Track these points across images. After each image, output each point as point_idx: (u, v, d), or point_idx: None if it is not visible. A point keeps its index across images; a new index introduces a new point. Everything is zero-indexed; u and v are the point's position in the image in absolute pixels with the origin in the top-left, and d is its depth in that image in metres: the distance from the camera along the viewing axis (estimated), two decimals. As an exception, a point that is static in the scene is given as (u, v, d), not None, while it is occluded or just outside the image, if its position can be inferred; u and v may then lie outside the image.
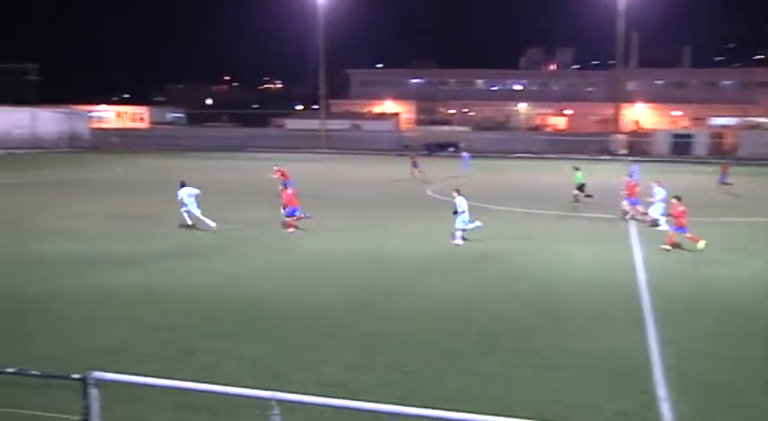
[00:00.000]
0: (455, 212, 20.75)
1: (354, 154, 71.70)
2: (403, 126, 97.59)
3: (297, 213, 23.00)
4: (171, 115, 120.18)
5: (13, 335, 11.85)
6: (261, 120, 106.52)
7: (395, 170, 45.59)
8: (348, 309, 13.80)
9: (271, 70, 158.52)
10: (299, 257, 18.79)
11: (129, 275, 16.38)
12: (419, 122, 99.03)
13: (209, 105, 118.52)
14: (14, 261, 17.89)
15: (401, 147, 72.29)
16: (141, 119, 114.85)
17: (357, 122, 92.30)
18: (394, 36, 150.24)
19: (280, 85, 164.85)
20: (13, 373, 7.18)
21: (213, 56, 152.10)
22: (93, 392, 6.47)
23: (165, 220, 24.13)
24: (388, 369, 10.54)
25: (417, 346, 11.59)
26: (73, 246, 19.99)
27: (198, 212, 22.69)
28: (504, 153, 71.36)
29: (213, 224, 22.26)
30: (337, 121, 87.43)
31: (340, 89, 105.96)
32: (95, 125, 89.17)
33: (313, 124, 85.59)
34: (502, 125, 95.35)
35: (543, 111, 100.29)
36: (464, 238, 20.82)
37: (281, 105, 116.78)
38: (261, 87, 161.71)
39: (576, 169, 30.66)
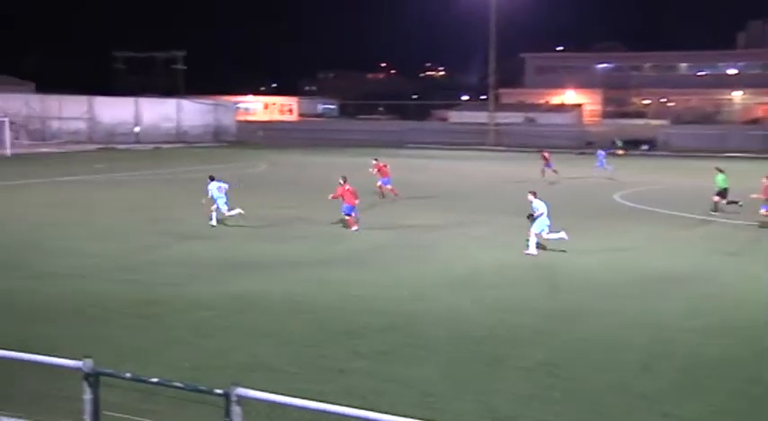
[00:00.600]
0: (530, 216, 20.73)
1: (527, 151, 70.77)
2: (586, 119, 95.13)
3: (353, 212, 23.59)
4: (321, 106, 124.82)
5: (155, 344, 12.73)
6: (421, 113, 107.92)
7: (575, 171, 44.51)
8: (519, 332, 13.60)
9: (433, 56, 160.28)
10: (460, 270, 18.78)
11: (273, 282, 17.10)
12: (606, 115, 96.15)
13: (363, 95, 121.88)
14: (156, 263, 19.24)
15: (584, 144, 70.49)
16: (290, 110, 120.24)
17: (531, 115, 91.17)
18: (577, 14, 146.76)
19: (443, 73, 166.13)
20: (155, 384, 7.66)
21: (369, 40, 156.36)
22: (236, 410, 6.76)
23: (311, 223, 25.01)
24: (566, 405, 10.25)
25: (601, 381, 11.18)
26: (214, 248, 21.20)
27: (225, 208, 24.15)
28: (712, 152, 67.42)
29: (232, 213, 24.13)
30: (508, 114, 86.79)
31: (512, 77, 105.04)
32: (241, 117, 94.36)
33: (480, 117, 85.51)
34: (709, 118, 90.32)
35: (766, 99, 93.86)
36: (538, 246, 20.60)
37: (443, 95, 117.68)
38: (421, 75, 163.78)
39: (720, 171, 29.09)
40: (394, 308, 15.14)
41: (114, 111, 74.96)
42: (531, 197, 21.02)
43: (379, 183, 32.10)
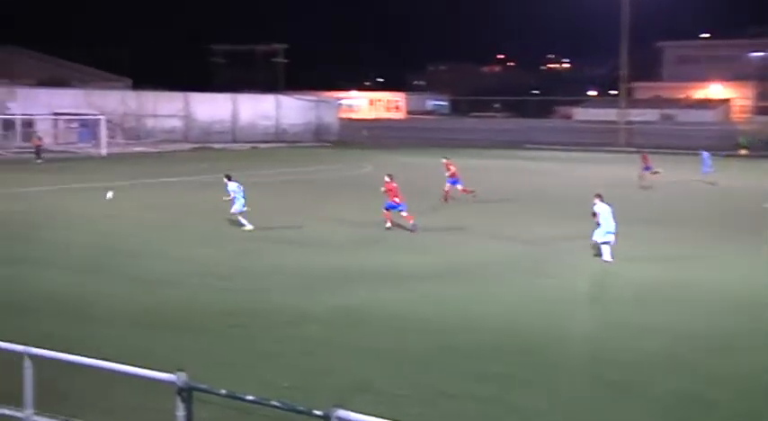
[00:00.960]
0: (596, 222, 21.05)
1: (664, 153, 68.78)
2: (734, 116, 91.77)
3: (399, 209, 25.08)
4: (431, 103, 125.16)
5: (249, 358, 13.00)
6: (542, 110, 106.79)
7: (721, 176, 42.89)
8: (657, 360, 13.24)
9: (556, 46, 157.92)
10: (584, 287, 18.54)
11: (383, 296, 17.23)
12: (759, 111, 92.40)
13: (477, 90, 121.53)
14: (249, 270, 19.70)
15: (731, 145, 68.05)
16: (396, 107, 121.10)
17: (669, 112, 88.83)
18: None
19: (567, 65, 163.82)
20: (250, 402, 7.81)
21: (484, 29, 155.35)
22: (337, 433, 6.82)
23: (424, 232, 25.00)
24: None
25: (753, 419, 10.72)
26: (318, 256, 21.51)
27: (238, 206, 25.24)
28: None
29: (251, 226, 25.00)
30: (642, 111, 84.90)
31: (648, 69, 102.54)
32: (344, 115, 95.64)
33: (609, 114, 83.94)
34: None
35: None
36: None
37: (568, 90, 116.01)
38: (543, 68, 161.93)
39: None
40: (511, 327, 15.00)
41: (210, 108, 77.01)
42: (596, 200, 21.43)
43: (450, 185, 32.81)
